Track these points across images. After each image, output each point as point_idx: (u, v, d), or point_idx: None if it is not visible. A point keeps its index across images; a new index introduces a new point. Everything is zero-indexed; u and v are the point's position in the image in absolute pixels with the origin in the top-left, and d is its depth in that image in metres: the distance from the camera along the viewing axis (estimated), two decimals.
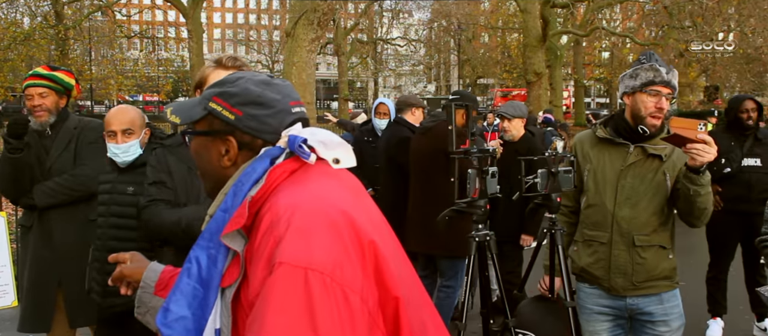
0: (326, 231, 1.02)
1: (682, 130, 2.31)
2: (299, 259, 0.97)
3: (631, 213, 2.54)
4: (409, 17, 44.12)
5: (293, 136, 1.16)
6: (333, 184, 1.14)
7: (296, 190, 1.09)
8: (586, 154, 2.71)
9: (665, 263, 2.58)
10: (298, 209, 1.04)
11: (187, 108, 1.26)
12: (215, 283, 1.10)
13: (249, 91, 1.19)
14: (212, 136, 1.22)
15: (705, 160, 2.30)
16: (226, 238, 1.08)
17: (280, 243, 1.00)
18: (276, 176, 1.13)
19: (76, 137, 3.26)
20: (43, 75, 3.14)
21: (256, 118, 1.19)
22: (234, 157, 1.20)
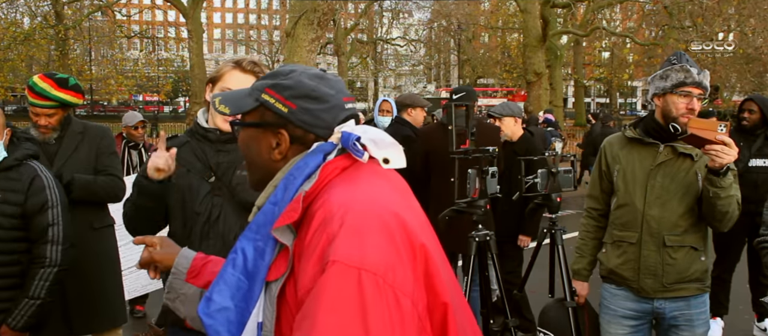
0: (379, 232, 1.01)
1: (700, 131, 2.28)
2: (353, 259, 0.96)
3: (661, 212, 2.51)
4: (409, 17, 44.11)
5: (347, 132, 1.15)
6: (383, 185, 1.13)
7: (349, 189, 1.08)
8: (616, 155, 2.67)
9: (697, 265, 2.53)
10: (351, 208, 1.03)
11: (237, 98, 1.25)
12: (261, 276, 1.09)
13: (303, 84, 1.18)
14: (263, 128, 1.20)
15: (724, 161, 2.26)
16: (276, 231, 1.07)
17: (333, 241, 0.99)
18: (328, 172, 1.12)
19: (87, 143, 3.19)
20: (51, 96, 3.01)
21: (310, 112, 1.17)
22: (285, 150, 1.19)
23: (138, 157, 5.35)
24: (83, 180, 3.09)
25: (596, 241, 2.80)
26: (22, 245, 2.53)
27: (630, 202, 2.58)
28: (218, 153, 2.28)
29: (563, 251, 2.99)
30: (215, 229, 2.25)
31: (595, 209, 2.80)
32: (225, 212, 2.26)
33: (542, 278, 3.42)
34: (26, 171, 2.55)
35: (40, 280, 2.51)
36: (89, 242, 3.18)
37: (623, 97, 55.46)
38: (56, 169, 3.06)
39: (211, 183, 2.26)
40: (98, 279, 3.20)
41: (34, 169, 2.59)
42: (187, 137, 2.34)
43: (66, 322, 3.14)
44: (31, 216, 2.51)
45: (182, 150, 2.31)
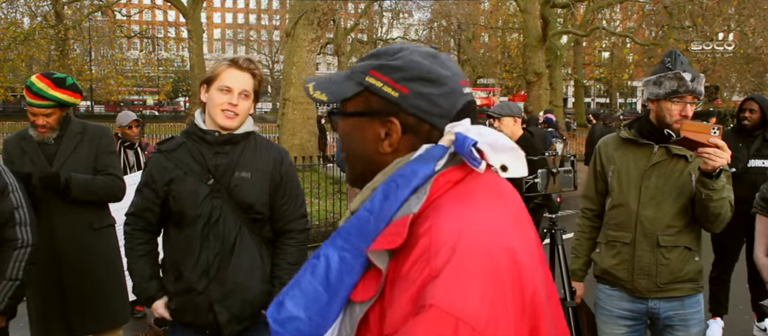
0: (489, 276, 0.85)
1: (693, 133, 2.29)
2: (453, 306, 0.82)
3: (655, 213, 2.52)
4: (409, 17, 44.16)
5: (462, 135, 0.97)
6: (500, 208, 0.96)
7: (461, 213, 0.91)
8: (610, 155, 2.69)
9: (691, 265, 2.55)
10: (461, 241, 0.86)
11: (336, 83, 1.07)
12: (343, 293, 0.94)
13: (416, 64, 1.00)
14: (370, 116, 1.02)
15: (717, 164, 2.28)
16: (373, 254, 0.91)
17: (435, 280, 0.84)
18: (438, 187, 0.95)
19: (86, 142, 3.18)
20: (48, 96, 3.00)
21: (426, 97, 0.99)
22: (396, 142, 1.01)
23: (134, 156, 5.34)
24: (81, 179, 3.08)
25: (591, 242, 2.81)
26: None
27: (624, 202, 2.59)
28: (216, 155, 2.27)
29: (563, 251, 2.99)
30: (215, 231, 2.25)
31: (589, 209, 2.82)
32: (224, 214, 2.26)
33: None
34: None
35: (16, 261, 2.53)
36: (89, 242, 3.18)
37: (623, 97, 55.50)
38: (55, 169, 3.06)
39: (209, 185, 2.26)
40: (98, 279, 3.20)
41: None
42: (184, 138, 2.32)
43: (65, 322, 3.14)
44: None
45: (179, 152, 2.30)
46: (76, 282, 3.13)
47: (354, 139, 1.06)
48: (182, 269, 2.28)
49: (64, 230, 3.11)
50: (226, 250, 2.26)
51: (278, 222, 2.39)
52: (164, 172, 2.28)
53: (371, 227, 0.94)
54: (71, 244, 3.12)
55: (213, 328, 2.30)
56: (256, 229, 2.34)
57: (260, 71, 2.34)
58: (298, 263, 2.41)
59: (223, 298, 2.26)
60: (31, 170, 2.99)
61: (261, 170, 2.32)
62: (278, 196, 2.37)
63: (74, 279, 3.13)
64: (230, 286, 2.26)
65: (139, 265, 2.37)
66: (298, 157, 10.52)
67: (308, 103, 13.53)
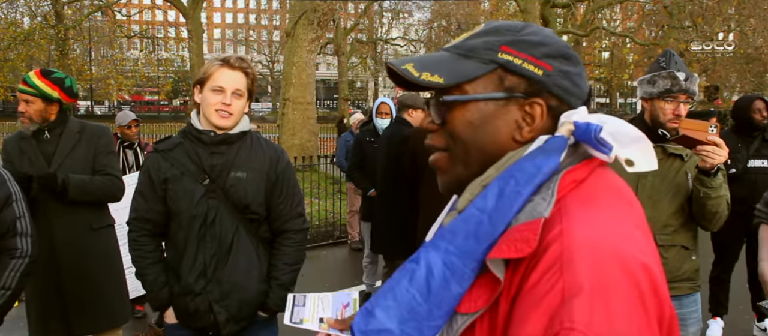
0: (630, 296, 0.73)
1: (692, 132, 2.30)
2: (599, 330, 0.70)
3: (652, 212, 2.53)
4: (409, 17, 44.14)
5: (584, 123, 0.84)
6: (627, 214, 0.84)
7: (591, 220, 0.79)
8: None
9: (688, 264, 2.56)
10: (598, 255, 0.74)
11: (447, 62, 0.91)
12: (449, 303, 0.82)
13: (556, 40, 0.89)
14: (506, 99, 0.88)
15: (715, 162, 2.28)
16: (492, 261, 0.80)
17: (575, 297, 0.72)
18: (564, 186, 0.83)
19: (85, 142, 3.17)
20: (30, 83, 3.05)
21: (569, 76, 0.89)
22: (538, 128, 0.89)
23: (133, 156, 5.34)
24: (78, 180, 3.07)
25: None
26: None
27: None
28: (212, 155, 2.27)
29: None
30: (211, 232, 2.25)
31: None
32: (220, 214, 2.25)
33: None
34: None
35: (12, 271, 2.50)
36: (88, 243, 3.17)
37: (623, 97, 55.48)
38: (53, 169, 3.05)
39: (205, 185, 2.25)
40: (97, 280, 3.19)
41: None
42: (181, 138, 2.32)
43: (64, 323, 3.13)
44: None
45: (175, 152, 2.29)
46: (75, 283, 3.12)
47: (482, 130, 0.90)
48: (180, 270, 2.27)
49: (62, 231, 3.10)
50: (223, 251, 2.26)
51: (275, 221, 2.38)
52: (161, 172, 2.28)
53: (486, 229, 0.82)
54: (70, 245, 3.11)
55: (212, 328, 2.29)
56: (252, 229, 2.33)
57: (253, 70, 2.33)
58: (295, 263, 2.41)
59: (222, 298, 2.25)
60: (30, 171, 2.98)
61: (257, 170, 2.31)
62: (275, 195, 2.36)
63: (73, 280, 3.12)
64: (228, 286, 2.26)
65: (152, 273, 2.34)
66: (297, 157, 10.52)
67: (308, 103, 13.53)
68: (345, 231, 8.11)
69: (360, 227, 7.20)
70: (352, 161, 5.76)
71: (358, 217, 7.12)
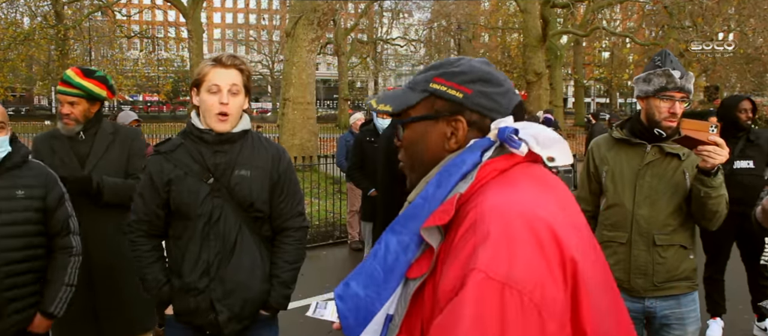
0: (530, 243, 0.93)
1: (693, 132, 2.30)
2: (497, 272, 0.89)
3: (651, 212, 2.53)
4: (409, 17, 44.17)
5: (503, 128, 1.08)
6: (543, 192, 1.05)
7: (504, 192, 1.01)
8: (603, 156, 2.69)
9: (686, 263, 2.56)
10: (503, 214, 0.96)
11: (397, 95, 1.18)
12: (399, 271, 1.06)
13: (476, 68, 1.13)
14: (436, 119, 1.14)
15: (716, 161, 2.29)
16: (425, 231, 1.02)
17: (478, 248, 0.93)
18: (486, 173, 1.06)
19: (119, 144, 3.13)
20: (73, 83, 2.99)
21: (487, 95, 1.12)
22: (462, 138, 1.12)
23: None
24: (112, 182, 3.04)
25: None
26: (43, 239, 2.57)
27: (619, 202, 2.60)
28: (215, 154, 2.27)
29: None
30: (215, 230, 2.25)
31: (584, 211, 2.80)
32: (225, 213, 2.26)
33: None
34: (35, 167, 2.59)
35: (72, 268, 2.61)
36: (120, 246, 3.06)
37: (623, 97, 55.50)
38: (87, 171, 3.01)
39: (209, 184, 2.26)
40: (130, 283, 3.07)
41: (41, 165, 2.63)
42: (182, 139, 2.32)
43: (96, 326, 3.09)
44: (52, 209, 2.57)
45: (178, 152, 2.29)
46: (106, 285, 3.08)
47: (420, 145, 1.16)
48: (183, 268, 2.27)
49: (94, 233, 3.04)
50: (227, 250, 2.26)
51: (276, 219, 2.39)
52: (164, 174, 2.27)
53: (424, 212, 1.05)
54: (101, 247, 3.06)
55: (213, 327, 2.29)
56: (256, 227, 2.34)
57: (247, 66, 2.32)
58: (296, 261, 2.42)
59: (224, 297, 2.26)
60: (62, 171, 2.95)
61: (260, 168, 2.32)
62: (276, 193, 2.36)
63: (105, 282, 3.08)
64: (231, 285, 2.26)
65: (153, 272, 2.34)
66: (298, 157, 10.52)
67: (308, 103, 13.54)
68: (345, 231, 8.11)
69: (360, 227, 7.20)
70: (352, 161, 5.76)
71: (358, 217, 7.12)
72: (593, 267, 1.03)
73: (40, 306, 2.54)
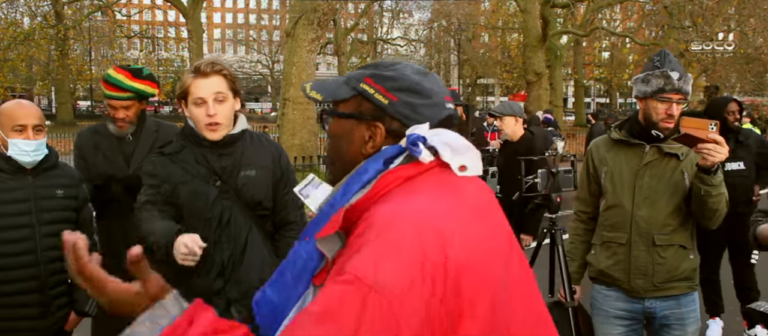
0: (409, 251, 0.92)
1: (692, 130, 2.30)
2: (367, 275, 0.90)
3: (650, 212, 2.53)
4: (409, 17, 44.18)
5: (412, 135, 1.06)
6: (449, 201, 1.03)
7: (400, 201, 1.00)
8: (603, 157, 2.69)
9: (686, 263, 2.57)
10: (391, 221, 0.96)
11: (332, 86, 1.16)
12: (306, 277, 1.05)
13: (407, 77, 1.11)
14: (358, 119, 1.12)
15: (716, 159, 2.29)
16: (319, 242, 1.03)
17: (360, 250, 0.94)
18: (387, 182, 1.04)
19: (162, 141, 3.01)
20: (126, 87, 2.92)
21: (411, 106, 1.09)
22: (378, 144, 1.10)
23: None
24: None
25: (586, 244, 2.82)
26: None
27: (619, 203, 2.60)
28: (220, 157, 2.27)
29: (563, 251, 2.99)
30: (226, 233, 2.25)
31: (583, 212, 2.82)
32: (234, 215, 2.26)
33: (542, 278, 3.42)
34: (66, 167, 2.63)
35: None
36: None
37: (623, 97, 55.51)
38: (133, 169, 2.96)
39: (217, 187, 2.25)
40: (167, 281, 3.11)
41: (68, 165, 2.67)
42: (183, 142, 2.31)
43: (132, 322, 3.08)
44: (81, 208, 2.60)
45: (183, 154, 2.28)
46: None
47: (341, 140, 1.15)
48: (195, 273, 2.25)
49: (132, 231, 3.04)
50: (238, 251, 2.26)
51: (280, 213, 2.40)
52: (171, 176, 2.26)
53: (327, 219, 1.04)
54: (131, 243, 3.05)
55: None
56: (262, 225, 2.35)
57: (229, 69, 2.27)
58: None
59: (241, 297, 2.24)
60: (108, 169, 2.94)
61: (264, 166, 2.33)
62: (280, 188, 2.38)
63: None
64: (246, 285, 2.24)
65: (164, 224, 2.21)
66: (298, 157, 10.52)
67: (308, 103, 13.53)
68: None
69: None
70: None
71: None
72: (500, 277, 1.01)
73: (76, 305, 2.58)
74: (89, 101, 45.88)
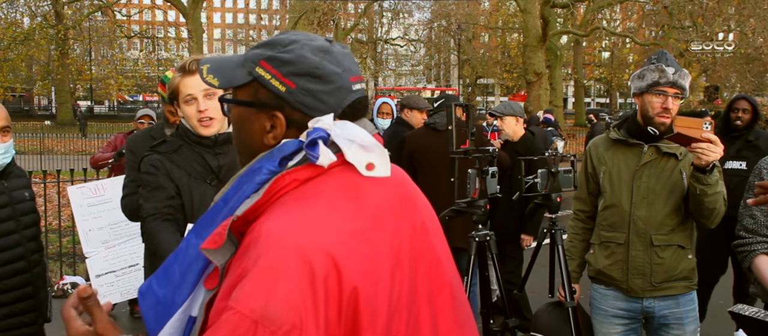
0: (297, 279, 0.85)
1: (686, 129, 2.30)
2: (253, 308, 0.83)
3: (648, 212, 2.53)
4: (409, 17, 44.13)
5: (313, 129, 0.96)
6: (346, 209, 0.94)
7: (290, 212, 0.91)
8: (601, 157, 2.70)
9: (684, 263, 2.56)
10: (276, 241, 0.87)
11: (228, 68, 1.04)
12: (193, 275, 0.97)
13: (305, 59, 0.98)
14: (257, 108, 1.02)
15: (711, 158, 2.29)
16: (205, 251, 0.93)
17: (242, 278, 0.86)
18: (282, 186, 0.95)
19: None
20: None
21: (312, 93, 0.99)
22: (280, 135, 1.01)
23: None
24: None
25: (584, 243, 2.82)
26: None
27: (617, 202, 2.60)
28: (217, 156, 2.26)
29: (563, 251, 2.99)
30: None
31: (582, 211, 2.83)
32: None
33: (542, 278, 3.42)
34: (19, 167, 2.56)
35: None
36: None
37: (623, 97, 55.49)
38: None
39: (214, 186, 2.24)
40: None
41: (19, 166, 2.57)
42: (179, 140, 2.29)
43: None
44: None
45: (181, 153, 2.28)
46: None
47: (242, 129, 1.06)
48: None
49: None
50: None
51: None
52: (170, 173, 2.24)
53: (220, 218, 0.96)
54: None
55: None
56: None
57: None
58: None
59: None
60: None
61: None
62: None
63: None
64: None
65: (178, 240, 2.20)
66: None
67: None
68: None
69: None
70: None
71: None
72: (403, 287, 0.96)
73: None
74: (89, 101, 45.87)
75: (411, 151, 4.22)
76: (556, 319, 3.03)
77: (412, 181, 1.13)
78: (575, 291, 2.93)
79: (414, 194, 1.09)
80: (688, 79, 2.53)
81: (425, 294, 1.01)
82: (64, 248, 6.22)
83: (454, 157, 3.20)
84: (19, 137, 20.98)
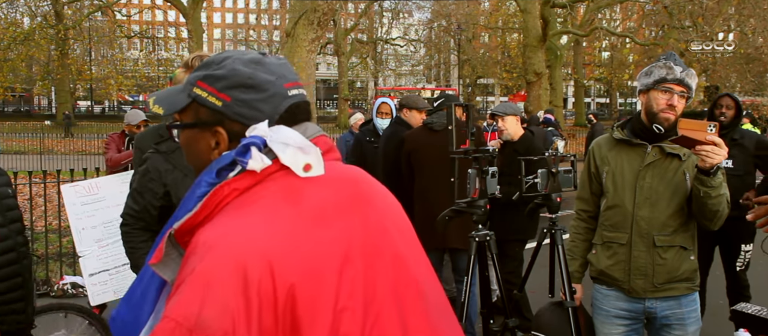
0: (230, 285, 0.86)
1: (690, 131, 2.30)
2: (186, 317, 0.84)
3: (651, 213, 2.53)
4: (409, 17, 44.16)
5: (249, 137, 0.98)
6: (285, 215, 0.95)
7: (228, 221, 0.93)
8: (604, 157, 2.69)
9: (687, 264, 2.56)
10: (210, 249, 0.89)
11: (171, 95, 1.08)
12: (151, 296, 0.99)
13: (237, 71, 1.01)
14: (199, 127, 1.05)
15: (715, 161, 2.28)
16: (154, 267, 0.96)
17: (176, 290, 0.88)
18: (221, 197, 0.96)
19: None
20: None
21: (247, 103, 1.01)
22: (224, 150, 1.03)
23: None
24: None
25: (587, 243, 2.81)
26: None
27: (620, 203, 2.60)
28: None
29: (563, 251, 2.99)
30: None
31: (584, 211, 2.82)
32: None
33: (542, 278, 3.42)
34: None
35: None
36: None
37: (623, 97, 55.50)
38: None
39: None
40: None
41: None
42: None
43: None
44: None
45: (178, 153, 2.28)
46: None
47: (191, 150, 1.08)
48: None
49: None
50: None
51: None
52: (164, 174, 2.27)
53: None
54: None
55: None
56: None
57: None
58: None
59: None
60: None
61: None
62: None
63: None
64: None
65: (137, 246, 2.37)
66: None
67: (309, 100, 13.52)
68: None
69: None
70: (352, 161, 5.75)
71: None
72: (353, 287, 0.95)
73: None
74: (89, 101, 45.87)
75: (409, 150, 4.24)
76: (558, 318, 3.02)
77: (372, 181, 1.12)
78: (575, 291, 2.93)
79: (370, 193, 1.08)
80: (695, 81, 2.53)
81: (390, 292, 1.00)
82: (64, 248, 6.22)
83: (454, 157, 3.20)
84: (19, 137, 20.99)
